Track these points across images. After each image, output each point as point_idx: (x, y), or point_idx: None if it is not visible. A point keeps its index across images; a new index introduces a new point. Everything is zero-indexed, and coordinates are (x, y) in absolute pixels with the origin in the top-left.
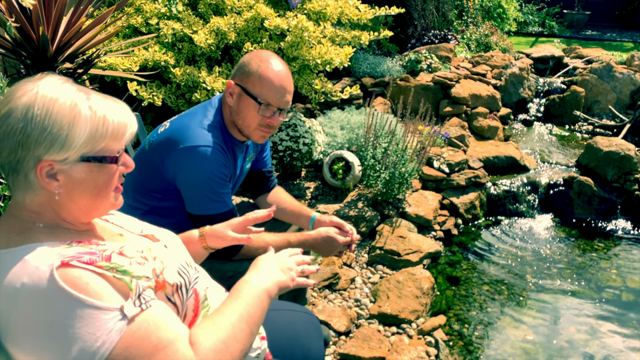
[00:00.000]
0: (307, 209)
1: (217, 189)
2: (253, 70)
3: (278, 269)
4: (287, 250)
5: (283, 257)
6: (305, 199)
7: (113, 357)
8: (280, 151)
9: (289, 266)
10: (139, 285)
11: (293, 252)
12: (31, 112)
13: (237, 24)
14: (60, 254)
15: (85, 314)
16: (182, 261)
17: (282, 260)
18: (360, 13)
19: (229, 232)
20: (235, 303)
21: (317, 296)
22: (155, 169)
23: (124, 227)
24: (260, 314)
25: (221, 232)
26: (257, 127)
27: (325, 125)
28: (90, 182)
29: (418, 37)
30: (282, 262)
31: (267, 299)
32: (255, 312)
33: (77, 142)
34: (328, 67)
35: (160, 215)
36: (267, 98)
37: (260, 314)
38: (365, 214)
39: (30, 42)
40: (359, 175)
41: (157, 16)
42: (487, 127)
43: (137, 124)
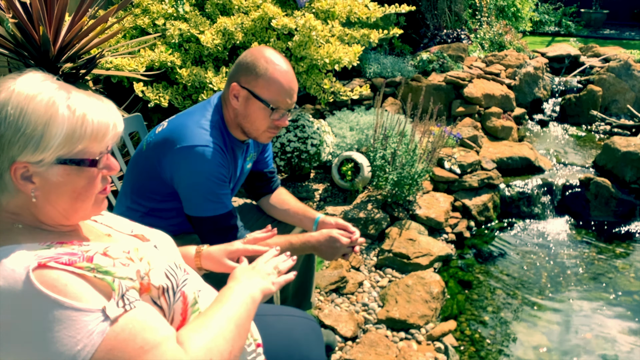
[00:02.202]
0: (311, 211)
1: (215, 190)
2: (261, 72)
3: (257, 276)
4: (261, 258)
5: (259, 265)
6: (314, 201)
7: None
8: (288, 152)
9: (267, 271)
10: (122, 286)
11: (267, 257)
12: (5, 111)
13: (244, 24)
14: (37, 255)
15: (64, 317)
16: (170, 262)
17: (259, 268)
18: (370, 11)
19: (224, 260)
20: (220, 306)
21: (323, 300)
22: (153, 170)
23: (113, 227)
24: (247, 316)
25: (217, 257)
26: (266, 130)
27: (334, 126)
28: (68, 186)
29: (431, 37)
30: (259, 270)
31: (251, 302)
32: (241, 314)
33: (53, 144)
34: (337, 66)
35: (159, 217)
36: (278, 102)
37: (247, 316)
38: (375, 216)
39: (32, 43)
40: (369, 176)
41: (164, 17)
42: (501, 128)
43: (122, 125)
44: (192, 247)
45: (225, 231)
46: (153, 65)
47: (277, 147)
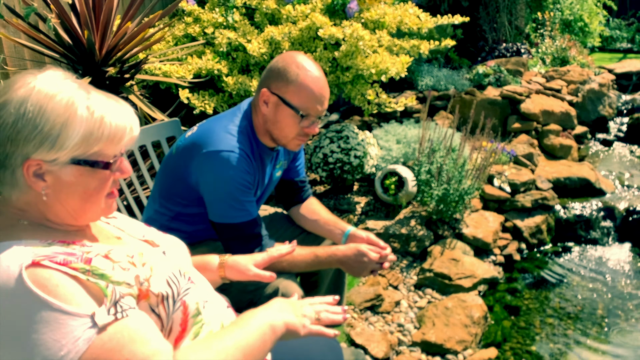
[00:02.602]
0: (342, 223)
1: (239, 197)
2: (292, 78)
3: (290, 311)
4: (308, 299)
5: (301, 302)
6: (355, 214)
7: None
8: (331, 163)
9: (304, 312)
10: (115, 292)
11: (315, 300)
12: (24, 107)
13: (291, 33)
14: (34, 253)
15: (51, 319)
16: (174, 270)
17: (298, 305)
18: (421, 22)
19: (251, 267)
20: (235, 330)
21: (357, 317)
22: (180, 174)
23: (125, 230)
24: (261, 348)
25: (244, 266)
26: (295, 137)
27: (380, 139)
28: (79, 186)
29: (489, 50)
30: (297, 307)
31: (271, 334)
32: (254, 343)
33: (69, 144)
34: (383, 77)
35: (185, 222)
36: (308, 109)
37: (261, 347)
38: (417, 233)
39: (80, 47)
40: (413, 191)
41: (214, 26)
42: (559, 146)
43: (138, 128)
44: (214, 257)
45: (248, 239)
46: (200, 72)
47: (319, 158)
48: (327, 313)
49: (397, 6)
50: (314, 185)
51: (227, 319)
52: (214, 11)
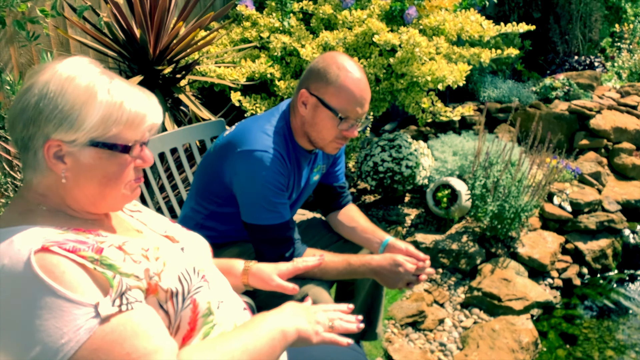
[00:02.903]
0: (381, 232)
1: (271, 198)
2: (332, 79)
3: (303, 317)
4: (322, 305)
5: (314, 309)
6: (404, 226)
7: (78, 358)
8: (381, 172)
9: (318, 319)
10: (122, 283)
11: (329, 307)
12: (47, 88)
13: (346, 39)
14: (45, 238)
15: (55, 305)
16: (188, 267)
17: (311, 311)
18: (483, 30)
19: (275, 277)
20: (244, 332)
21: (397, 333)
22: (215, 172)
23: (147, 225)
24: (269, 353)
25: (267, 275)
26: (333, 140)
27: (436, 149)
28: (98, 170)
29: (559, 63)
30: (310, 313)
31: (281, 339)
32: (262, 348)
33: (88, 124)
34: (440, 85)
35: (219, 221)
36: (347, 111)
37: (269, 352)
38: (469, 249)
39: (134, 45)
40: (467, 205)
41: (271, 30)
42: (632, 166)
43: (160, 118)
44: (239, 262)
45: (279, 242)
46: (253, 76)
47: (369, 166)
48: (341, 321)
49: (458, 13)
50: (363, 194)
51: (241, 322)
52: (271, 16)
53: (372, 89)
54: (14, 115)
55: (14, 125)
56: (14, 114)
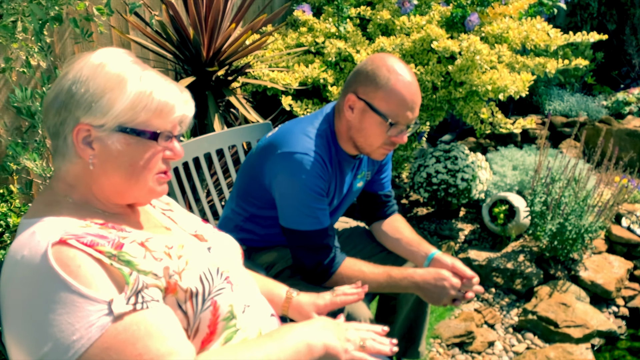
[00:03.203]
0: (427, 245)
1: (309, 203)
2: (381, 83)
3: (333, 332)
4: (355, 323)
5: (346, 325)
6: (457, 241)
7: (89, 356)
8: (434, 184)
9: (348, 337)
10: (139, 281)
11: (362, 326)
12: (79, 73)
13: (403, 45)
14: (64, 231)
15: (68, 300)
16: (212, 267)
17: (342, 328)
18: (550, 39)
19: (313, 315)
20: (268, 342)
21: (442, 353)
22: (256, 174)
23: (178, 223)
24: None
25: (306, 311)
26: (381, 146)
27: (495, 163)
28: (125, 157)
29: (635, 77)
30: (340, 329)
31: (306, 353)
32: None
33: (117, 109)
34: (501, 95)
35: (258, 224)
36: (398, 116)
37: None
38: (525, 269)
39: (187, 46)
40: (525, 223)
41: (326, 35)
42: None
43: (192, 111)
44: (280, 288)
45: (317, 250)
46: (306, 81)
47: (422, 177)
48: (373, 342)
49: (523, 21)
50: (415, 206)
51: (267, 329)
52: (327, 21)
53: (428, 97)
54: (48, 102)
55: (47, 111)
56: (48, 100)
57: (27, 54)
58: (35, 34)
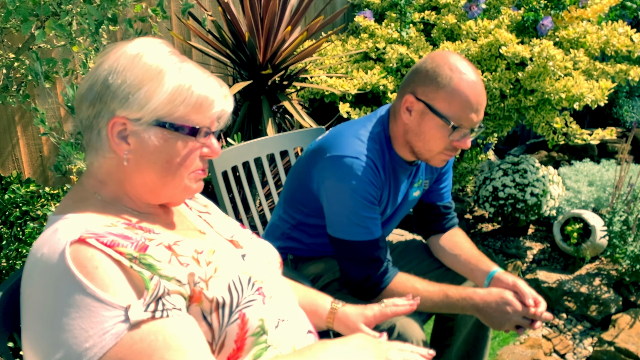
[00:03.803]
0: (487, 262)
1: (359, 211)
2: (443, 82)
3: (372, 352)
4: (397, 343)
5: (387, 344)
6: (524, 261)
7: None
8: (501, 199)
9: (390, 357)
10: (160, 286)
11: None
12: (116, 64)
13: (469, 50)
14: (85, 229)
15: (83, 304)
16: (243, 276)
17: (383, 348)
18: (633, 44)
19: (360, 326)
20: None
21: None
22: (303, 179)
23: (214, 227)
24: None
25: (353, 322)
26: (441, 152)
27: (568, 178)
28: (162, 153)
29: None
30: (381, 349)
31: None
32: None
33: (155, 102)
34: (576, 104)
35: (305, 233)
36: (461, 119)
37: None
38: (602, 295)
39: (243, 50)
40: (602, 244)
41: (388, 41)
42: None
43: (231, 107)
44: (326, 300)
45: (366, 262)
46: (365, 87)
47: (488, 191)
48: None
49: (603, 25)
50: (479, 222)
51: (301, 346)
52: (389, 26)
53: (496, 105)
54: (81, 94)
55: (80, 103)
56: (81, 92)
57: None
58: (90, 35)
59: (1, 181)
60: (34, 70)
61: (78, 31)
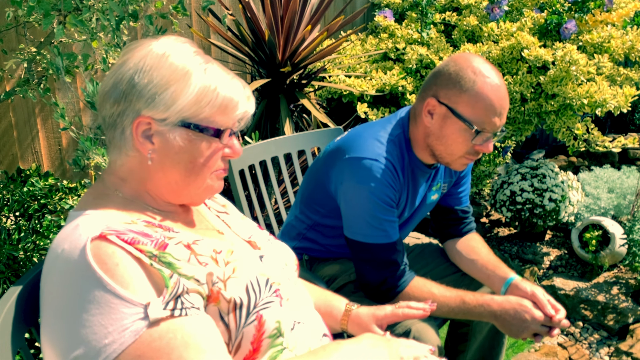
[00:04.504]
0: (505, 268)
1: (376, 213)
2: (466, 86)
3: (384, 350)
4: (403, 340)
5: (396, 342)
6: (541, 267)
7: None
8: (519, 203)
9: (402, 354)
10: (179, 284)
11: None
12: (142, 62)
13: (491, 53)
14: (106, 226)
15: (103, 300)
16: (260, 277)
17: (395, 346)
18: None
19: (372, 327)
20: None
21: None
22: (321, 180)
23: (232, 227)
24: None
25: (365, 322)
26: (463, 156)
27: (588, 184)
28: (186, 154)
29: None
30: (393, 347)
31: None
32: None
33: (181, 103)
34: (599, 110)
35: (321, 234)
36: (484, 123)
37: None
38: (619, 304)
39: (262, 48)
40: (621, 252)
41: (408, 42)
42: None
43: (253, 108)
44: (340, 301)
45: (383, 265)
46: (384, 88)
47: (505, 196)
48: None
49: (628, 30)
50: (496, 226)
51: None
52: (409, 27)
53: (516, 109)
54: (105, 91)
55: (104, 100)
56: (105, 89)
57: (105, 51)
58: (111, 31)
59: (21, 174)
60: (55, 65)
61: (99, 27)
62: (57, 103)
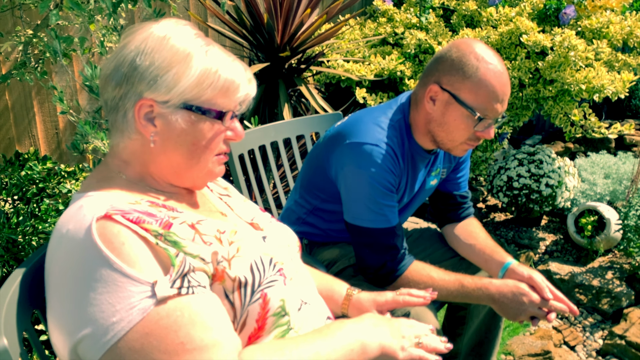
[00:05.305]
0: (502, 253)
1: (376, 198)
2: (469, 72)
3: (386, 329)
4: (404, 319)
5: (397, 321)
6: (537, 252)
7: (128, 341)
8: (515, 189)
9: (404, 333)
10: (185, 263)
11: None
12: (144, 45)
13: (490, 38)
14: (111, 206)
15: (110, 279)
16: (264, 256)
17: (396, 324)
18: None
19: (373, 312)
20: (318, 339)
21: None
22: (321, 165)
23: (234, 210)
24: None
25: (366, 307)
26: (464, 142)
27: (584, 170)
28: (188, 136)
29: None
30: (394, 326)
31: (360, 352)
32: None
33: (183, 85)
34: (596, 96)
35: (321, 218)
36: (487, 110)
37: None
38: (614, 288)
39: (261, 32)
40: (616, 237)
41: (406, 26)
42: None
43: (254, 91)
44: (343, 286)
45: (382, 249)
46: (382, 73)
47: (502, 181)
48: (428, 339)
49: (627, 15)
50: (492, 211)
51: None
52: (408, 11)
53: (514, 94)
54: (106, 74)
55: (106, 84)
56: (107, 72)
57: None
58: (108, 15)
59: (19, 158)
60: (53, 48)
61: (95, 9)
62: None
